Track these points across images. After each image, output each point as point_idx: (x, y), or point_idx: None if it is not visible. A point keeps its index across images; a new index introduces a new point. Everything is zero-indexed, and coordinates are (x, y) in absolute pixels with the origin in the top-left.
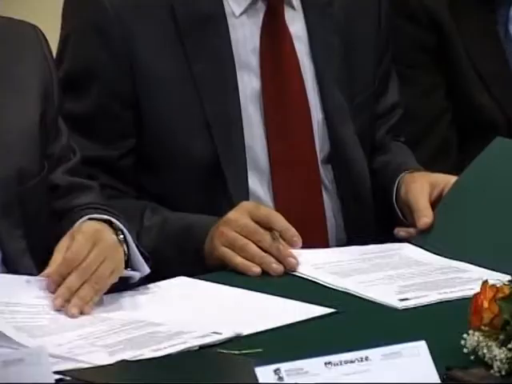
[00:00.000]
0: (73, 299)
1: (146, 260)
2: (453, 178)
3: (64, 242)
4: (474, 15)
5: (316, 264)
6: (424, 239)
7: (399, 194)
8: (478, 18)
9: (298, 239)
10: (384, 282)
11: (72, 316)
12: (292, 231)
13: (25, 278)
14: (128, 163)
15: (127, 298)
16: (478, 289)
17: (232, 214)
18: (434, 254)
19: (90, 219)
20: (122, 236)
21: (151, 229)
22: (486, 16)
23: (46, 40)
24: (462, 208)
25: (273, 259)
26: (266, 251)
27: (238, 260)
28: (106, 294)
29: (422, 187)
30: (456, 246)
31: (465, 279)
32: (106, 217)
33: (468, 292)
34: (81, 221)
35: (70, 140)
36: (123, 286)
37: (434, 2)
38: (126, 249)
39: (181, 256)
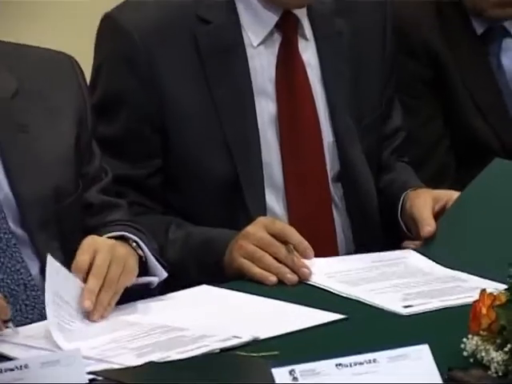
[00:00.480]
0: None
1: (164, 266)
2: (455, 194)
3: (85, 252)
4: (469, 48)
5: (328, 273)
6: (428, 249)
7: (404, 209)
8: (473, 51)
9: (311, 251)
10: (390, 290)
11: (95, 320)
12: (305, 244)
13: (77, 280)
14: (155, 182)
15: (155, 305)
16: (476, 296)
17: (250, 228)
18: (437, 263)
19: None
20: (134, 244)
21: (175, 242)
22: (479, 49)
23: (80, 70)
24: (463, 222)
25: (288, 269)
26: (281, 262)
27: (256, 270)
28: (134, 301)
29: (425, 201)
30: (457, 257)
31: (464, 288)
32: (120, 233)
33: (467, 299)
34: (92, 238)
35: (103, 162)
36: (146, 291)
37: (432, 39)
38: (142, 253)
39: (202, 267)
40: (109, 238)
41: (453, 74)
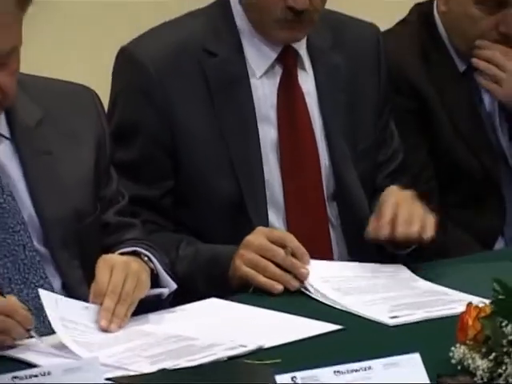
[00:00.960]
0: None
1: (173, 279)
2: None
3: (103, 272)
4: (452, 84)
5: (324, 277)
6: (416, 266)
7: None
8: (456, 87)
9: (307, 257)
10: (379, 301)
11: (113, 331)
12: (302, 250)
13: (84, 304)
14: (167, 201)
15: (167, 316)
16: (459, 309)
17: (250, 237)
18: (423, 279)
19: (122, 253)
20: (146, 258)
21: (185, 258)
22: (462, 84)
23: (99, 100)
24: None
25: (290, 276)
26: (280, 267)
27: (262, 279)
28: (147, 311)
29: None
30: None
31: (447, 300)
32: (132, 248)
33: (449, 311)
34: (117, 252)
35: (119, 185)
36: (158, 302)
37: (417, 77)
38: (153, 266)
39: (209, 280)
40: (123, 253)
41: (437, 108)
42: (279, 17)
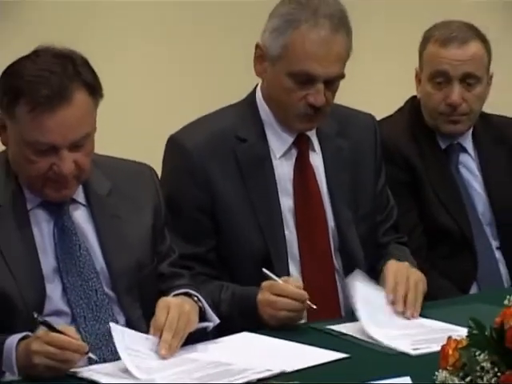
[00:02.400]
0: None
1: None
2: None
3: (162, 311)
4: (436, 159)
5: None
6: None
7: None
8: (438, 162)
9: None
10: (401, 337)
11: (168, 358)
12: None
13: (145, 335)
14: (212, 256)
15: (209, 346)
16: None
17: (260, 296)
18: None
19: (175, 294)
20: (196, 298)
21: (226, 300)
22: (443, 160)
23: (157, 176)
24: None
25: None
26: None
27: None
28: (195, 343)
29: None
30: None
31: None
32: (185, 290)
33: None
34: (171, 294)
35: (172, 243)
36: (204, 333)
37: (408, 153)
38: (202, 306)
39: (243, 316)
40: (177, 294)
41: (424, 179)
42: (301, 112)
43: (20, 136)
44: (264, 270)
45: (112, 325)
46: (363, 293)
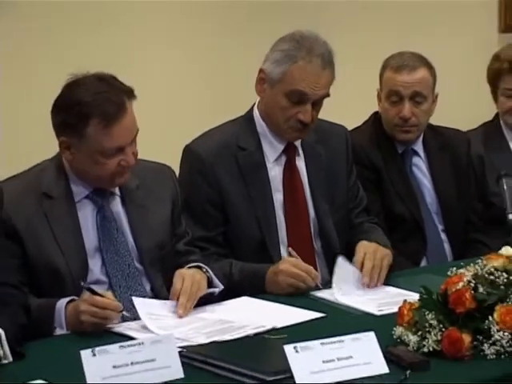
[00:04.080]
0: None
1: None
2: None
3: (178, 281)
4: (394, 162)
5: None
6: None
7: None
8: (396, 164)
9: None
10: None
11: (183, 317)
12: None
13: (162, 301)
14: (220, 239)
15: (216, 308)
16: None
17: (281, 265)
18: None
19: (189, 267)
20: (204, 269)
21: (235, 274)
22: (400, 162)
23: (174, 174)
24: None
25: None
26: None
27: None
28: (203, 305)
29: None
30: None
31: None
32: (196, 264)
33: None
34: (186, 267)
35: (187, 227)
36: (211, 297)
37: (372, 154)
38: (210, 276)
39: (250, 288)
40: (190, 267)
41: (384, 177)
42: (292, 125)
43: (91, 149)
44: (290, 249)
45: (133, 298)
46: (342, 269)
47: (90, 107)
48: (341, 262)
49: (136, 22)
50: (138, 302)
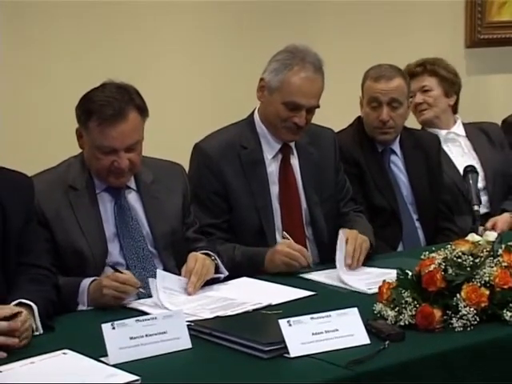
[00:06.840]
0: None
1: (226, 269)
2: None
3: (192, 261)
4: (374, 159)
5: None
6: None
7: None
8: (376, 161)
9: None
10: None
11: (192, 295)
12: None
13: (178, 277)
14: (225, 226)
15: (220, 287)
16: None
17: (277, 246)
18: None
19: (201, 253)
20: (213, 257)
21: (238, 255)
22: (380, 160)
23: (184, 170)
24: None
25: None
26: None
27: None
28: (209, 286)
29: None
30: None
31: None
32: (205, 251)
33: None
34: (194, 253)
35: (195, 216)
36: (217, 281)
37: (355, 152)
38: (217, 263)
39: (251, 268)
40: (201, 253)
41: (366, 172)
42: (287, 127)
43: (91, 142)
44: (284, 233)
45: (158, 271)
46: (338, 253)
47: (93, 105)
48: (340, 245)
49: (151, 35)
50: (160, 274)
